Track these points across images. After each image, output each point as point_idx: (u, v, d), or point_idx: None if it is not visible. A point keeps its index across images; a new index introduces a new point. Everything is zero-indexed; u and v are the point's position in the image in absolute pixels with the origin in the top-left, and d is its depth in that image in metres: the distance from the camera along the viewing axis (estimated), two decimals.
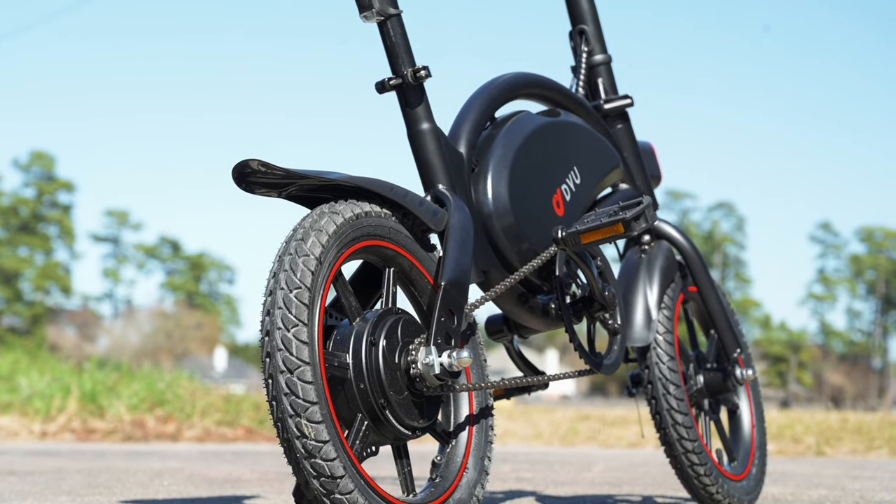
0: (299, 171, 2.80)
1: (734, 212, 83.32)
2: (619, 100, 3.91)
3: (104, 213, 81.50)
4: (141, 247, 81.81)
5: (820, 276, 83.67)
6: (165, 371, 12.46)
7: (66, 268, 75.57)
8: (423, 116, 3.16)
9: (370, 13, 3.11)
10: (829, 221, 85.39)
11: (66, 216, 75.38)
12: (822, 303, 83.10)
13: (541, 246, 3.33)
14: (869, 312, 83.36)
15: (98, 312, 79.12)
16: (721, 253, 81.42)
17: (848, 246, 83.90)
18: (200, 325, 74.05)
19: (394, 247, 2.95)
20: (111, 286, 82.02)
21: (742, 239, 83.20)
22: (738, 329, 4.06)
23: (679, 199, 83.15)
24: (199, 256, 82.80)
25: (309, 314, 2.68)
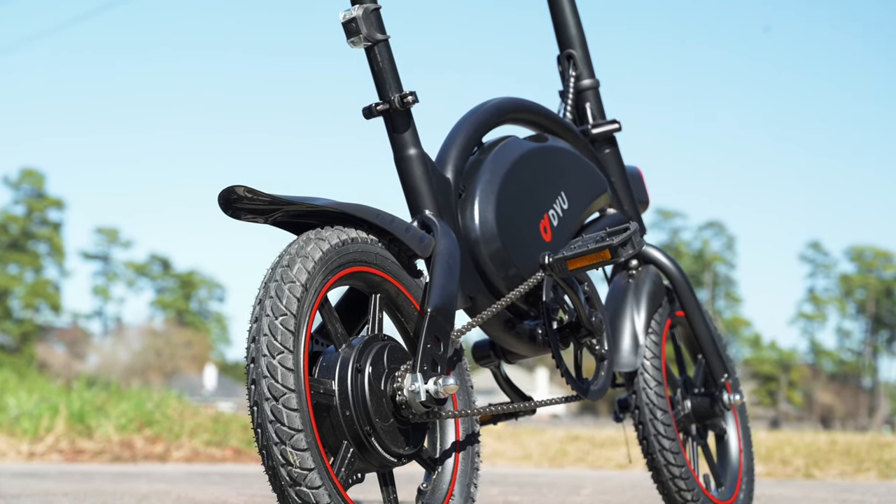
0: (285, 197, 2.80)
1: (724, 231, 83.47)
2: (606, 124, 3.91)
3: (94, 230, 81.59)
4: (131, 264, 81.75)
5: (810, 295, 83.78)
6: (154, 390, 12.43)
7: (56, 285, 75.48)
8: (410, 142, 3.16)
9: (358, 39, 3.11)
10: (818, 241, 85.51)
11: (56, 234, 75.31)
12: (812, 322, 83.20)
13: (528, 271, 3.33)
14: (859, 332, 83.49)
15: (88, 330, 79.07)
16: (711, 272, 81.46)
17: (838, 265, 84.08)
18: (190, 343, 73.97)
19: (380, 273, 2.94)
20: (101, 304, 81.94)
21: (732, 258, 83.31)
22: (725, 354, 4.06)
23: (669, 218, 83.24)
24: (190, 274, 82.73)
25: (294, 341, 2.67)
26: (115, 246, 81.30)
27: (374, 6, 3.12)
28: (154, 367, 68.65)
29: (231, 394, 65.61)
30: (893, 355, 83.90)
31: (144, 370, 67.08)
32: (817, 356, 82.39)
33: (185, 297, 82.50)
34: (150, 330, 74.87)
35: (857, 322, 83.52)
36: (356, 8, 3.10)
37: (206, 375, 71.40)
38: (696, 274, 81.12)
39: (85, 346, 74.46)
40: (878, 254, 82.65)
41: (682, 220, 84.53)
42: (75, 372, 60.63)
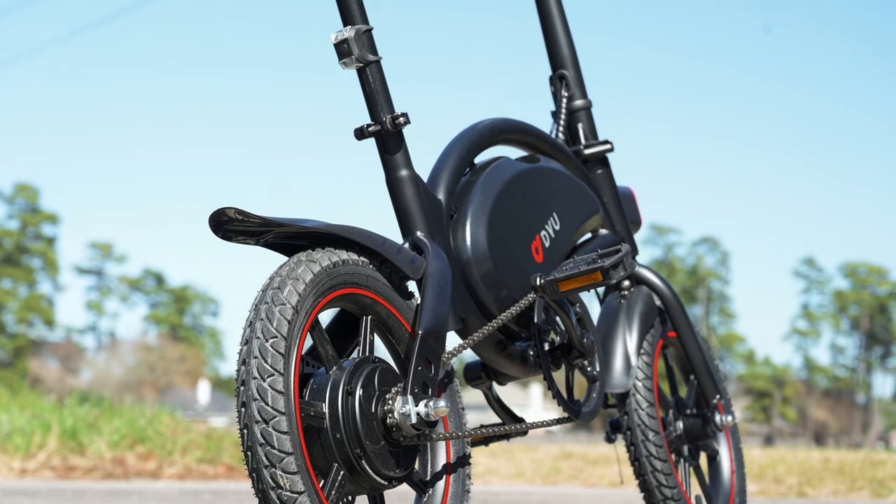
0: (276, 218, 2.80)
1: (718, 246, 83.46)
2: (599, 145, 3.91)
3: (88, 245, 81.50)
4: (125, 279, 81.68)
5: (804, 311, 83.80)
6: (147, 407, 12.40)
7: (50, 300, 75.42)
8: (402, 163, 3.16)
9: (350, 60, 3.11)
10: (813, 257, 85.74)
11: (50, 248, 75.26)
12: (806, 338, 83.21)
13: (519, 293, 3.32)
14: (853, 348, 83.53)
15: (81, 345, 78.97)
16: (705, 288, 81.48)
17: (832, 281, 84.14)
18: (184, 357, 73.88)
19: (371, 295, 2.94)
20: (95, 318, 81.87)
21: (726, 274, 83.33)
22: (717, 375, 4.05)
23: (663, 234, 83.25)
24: (184, 289, 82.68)
25: (285, 363, 2.67)
26: (109, 261, 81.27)
27: (366, 27, 3.12)
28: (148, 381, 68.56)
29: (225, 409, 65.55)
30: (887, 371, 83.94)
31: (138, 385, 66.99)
32: (811, 372, 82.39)
33: (179, 311, 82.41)
34: (144, 345, 74.79)
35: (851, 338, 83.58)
36: (348, 29, 3.10)
37: (199, 390, 71.31)
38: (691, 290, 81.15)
39: (78, 361, 74.33)
40: (872, 270, 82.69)
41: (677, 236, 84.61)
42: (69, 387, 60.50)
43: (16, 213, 74.70)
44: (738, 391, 78.15)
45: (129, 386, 65.70)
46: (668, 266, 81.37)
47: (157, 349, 74.02)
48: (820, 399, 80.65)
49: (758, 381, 78.34)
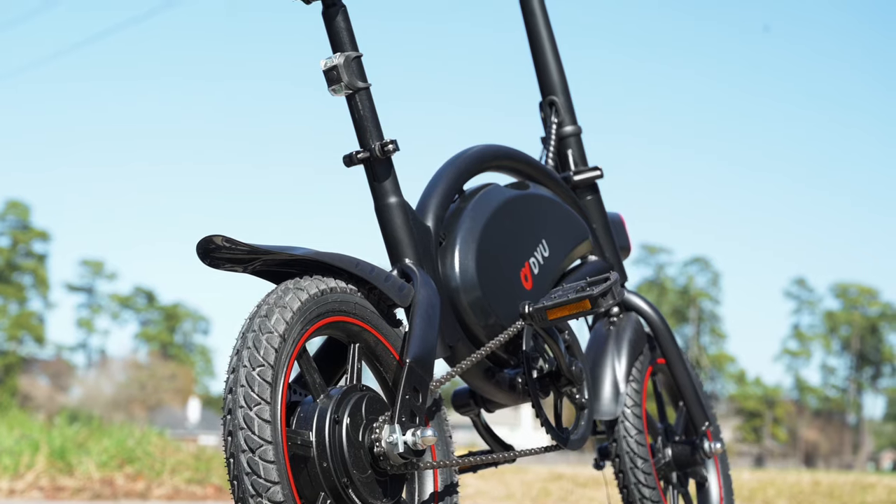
0: (264, 246, 2.79)
1: (709, 267, 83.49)
2: (588, 171, 3.91)
3: (79, 262, 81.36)
4: (115, 297, 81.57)
5: (795, 331, 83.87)
6: (136, 427, 12.38)
7: (40, 317, 75.32)
8: (391, 190, 3.15)
9: (339, 87, 3.11)
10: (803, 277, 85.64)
11: (41, 265, 75.19)
12: (796, 358, 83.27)
13: (508, 320, 3.31)
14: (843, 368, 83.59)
15: (71, 362, 78.80)
16: (696, 308, 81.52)
17: (823, 302, 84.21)
18: (174, 375, 73.74)
19: (359, 322, 2.93)
20: (85, 336, 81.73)
21: (717, 294, 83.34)
22: (706, 401, 4.05)
23: (655, 254, 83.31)
24: (174, 307, 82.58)
25: (272, 392, 2.66)
26: (100, 278, 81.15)
27: (356, 54, 3.12)
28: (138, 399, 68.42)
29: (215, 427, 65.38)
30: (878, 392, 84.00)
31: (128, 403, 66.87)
32: (802, 392, 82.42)
33: (170, 329, 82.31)
34: (134, 362, 74.64)
35: (841, 359, 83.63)
36: (337, 56, 3.10)
37: (189, 408, 71.18)
38: (682, 310, 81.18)
39: (68, 379, 74.20)
40: (863, 290, 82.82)
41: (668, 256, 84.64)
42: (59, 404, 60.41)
43: (7, 230, 74.66)
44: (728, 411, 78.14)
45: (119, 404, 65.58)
46: (659, 286, 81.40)
47: (148, 367, 73.88)
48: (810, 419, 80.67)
49: (748, 401, 78.33)
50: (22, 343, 73.71)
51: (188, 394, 73.91)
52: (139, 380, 70.69)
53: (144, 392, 69.84)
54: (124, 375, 71.66)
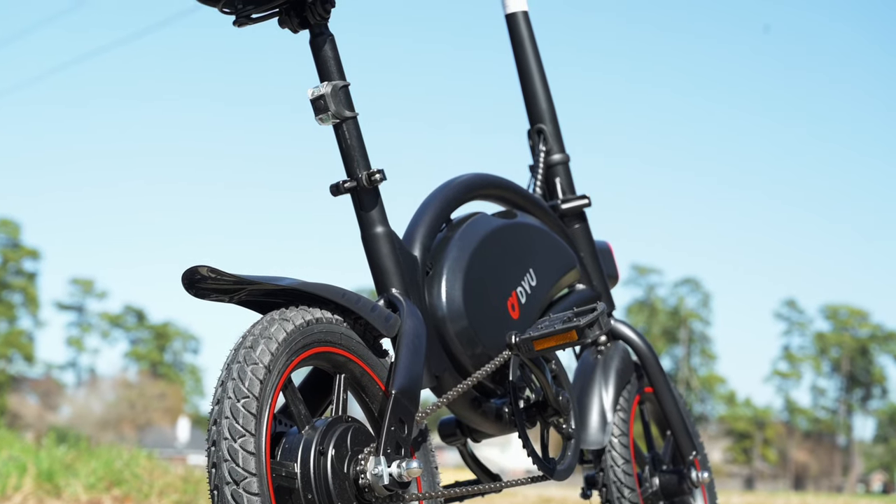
0: (249, 277, 2.78)
1: (700, 288, 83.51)
2: (576, 200, 3.91)
3: (69, 281, 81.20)
4: (105, 315, 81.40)
5: (785, 353, 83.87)
6: (124, 448, 12.35)
7: (30, 335, 75.14)
8: (378, 220, 3.15)
9: (326, 115, 3.10)
10: (794, 299, 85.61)
11: (31, 284, 75.05)
12: (787, 380, 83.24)
13: (495, 350, 3.31)
14: (833, 390, 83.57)
15: (61, 381, 78.60)
16: (687, 329, 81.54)
17: (813, 323, 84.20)
18: (164, 395, 73.61)
19: (345, 353, 2.92)
20: (75, 355, 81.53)
21: (708, 315, 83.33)
22: (694, 430, 4.05)
23: (645, 275, 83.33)
24: (164, 326, 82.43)
25: (256, 424, 2.65)
26: (90, 297, 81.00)
27: (343, 83, 3.12)
28: (127, 418, 68.28)
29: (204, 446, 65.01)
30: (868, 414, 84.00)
31: (117, 422, 66.74)
32: (792, 414, 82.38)
33: (160, 348, 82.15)
34: (124, 381, 74.50)
35: (831, 380, 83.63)
36: (325, 85, 3.10)
37: (179, 428, 71.07)
38: (672, 330, 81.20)
39: (58, 398, 74.02)
40: (853, 312, 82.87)
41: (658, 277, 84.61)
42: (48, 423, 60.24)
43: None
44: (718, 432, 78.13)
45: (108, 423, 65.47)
46: (649, 307, 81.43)
47: (137, 386, 73.73)
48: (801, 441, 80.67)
49: (739, 422, 78.31)
50: (11, 361, 73.52)
51: (178, 413, 73.78)
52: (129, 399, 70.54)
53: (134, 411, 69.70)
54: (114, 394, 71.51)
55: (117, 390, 72.02)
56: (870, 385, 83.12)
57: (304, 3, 3.13)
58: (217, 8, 3.14)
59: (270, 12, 3.16)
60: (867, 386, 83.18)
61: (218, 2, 3.12)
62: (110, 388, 72.74)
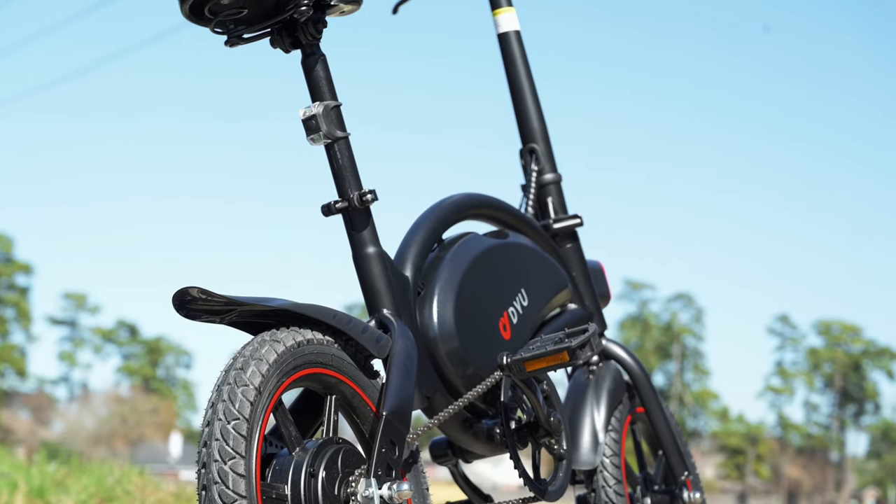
0: (239, 298, 2.78)
1: (693, 303, 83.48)
2: (568, 219, 3.91)
3: (62, 295, 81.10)
4: (98, 330, 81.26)
5: (778, 368, 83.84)
6: (115, 465, 12.31)
7: (22, 350, 75.01)
8: (369, 240, 3.14)
9: (317, 136, 3.10)
10: (787, 314, 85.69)
11: (24, 299, 74.96)
12: (779, 395, 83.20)
13: (486, 370, 3.30)
14: (826, 405, 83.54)
15: (53, 396, 78.46)
16: (680, 344, 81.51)
17: (806, 339, 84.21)
18: (156, 410, 73.50)
19: (336, 374, 2.91)
20: (67, 370, 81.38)
21: (701, 330, 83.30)
22: (686, 450, 4.04)
23: (638, 290, 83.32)
24: (157, 341, 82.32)
25: (247, 446, 2.64)
26: (83, 311, 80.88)
27: (335, 103, 3.12)
28: (119, 434, 68.16)
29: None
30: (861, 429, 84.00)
31: (110, 437, 66.62)
32: (785, 430, 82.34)
33: (152, 363, 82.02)
34: (116, 396, 74.36)
35: (824, 396, 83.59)
36: (316, 105, 3.10)
37: (171, 443, 70.97)
38: (665, 346, 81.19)
39: (50, 412, 73.88)
40: (846, 328, 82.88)
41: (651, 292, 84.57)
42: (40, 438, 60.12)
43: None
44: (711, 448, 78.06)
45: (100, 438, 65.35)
46: (642, 322, 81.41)
47: (130, 401, 73.60)
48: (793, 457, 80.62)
49: (731, 438, 78.26)
50: (3, 376, 73.38)
51: (170, 428, 73.67)
52: (121, 414, 70.41)
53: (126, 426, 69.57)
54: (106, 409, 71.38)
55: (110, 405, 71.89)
56: (863, 401, 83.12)
57: (295, 24, 3.13)
58: (209, 28, 3.14)
59: (262, 32, 3.16)
60: (860, 402, 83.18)
61: (210, 21, 3.12)
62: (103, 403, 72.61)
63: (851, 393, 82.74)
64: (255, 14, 3.12)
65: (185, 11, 3.07)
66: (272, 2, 3.10)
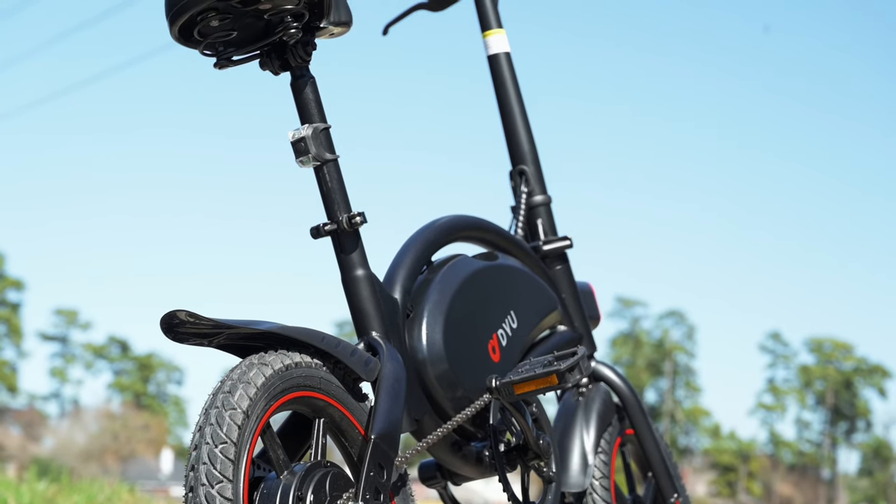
0: (227, 321, 2.77)
1: (685, 320, 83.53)
2: (558, 241, 3.91)
3: (53, 311, 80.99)
4: (89, 346, 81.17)
5: (769, 385, 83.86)
6: (106, 482, 12.30)
7: (13, 366, 74.90)
8: (358, 262, 3.14)
9: (307, 158, 3.10)
10: (778, 331, 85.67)
11: (15, 314, 74.88)
12: (771, 413, 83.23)
13: (475, 393, 3.30)
14: (818, 423, 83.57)
15: (44, 412, 78.31)
16: (671, 361, 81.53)
17: (797, 356, 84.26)
18: (147, 426, 73.37)
19: (324, 397, 2.91)
20: (58, 386, 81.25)
21: (692, 347, 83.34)
22: (675, 472, 4.04)
23: (630, 307, 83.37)
24: (148, 357, 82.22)
25: (234, 469, 2.64)
26: (74, 327, 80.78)
27: (324, 126, 3.12)
28: (111, 450, 68.02)
29: None
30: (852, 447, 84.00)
31: (101, 453, 66.48)
32: (777, 447, 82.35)
33: (143, 379, 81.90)
34: (108, 412, 74.23)
35: (816, 413, 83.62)
36: (306, 128, 3.10)
37: (162, 459, 70.87)
38: (657, 363, 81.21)
39: (41, 429, 73.71)
40: (838, 345, 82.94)
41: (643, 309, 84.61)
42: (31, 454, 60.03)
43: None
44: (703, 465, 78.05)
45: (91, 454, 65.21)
46: (634, 339, 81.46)
47: (121, 417, 73.48)
48: (785, 474, 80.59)
49: (723, 455, 78.25)
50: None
51: (161, 444, 73.55)
52: (112, 430, 70.28)
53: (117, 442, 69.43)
54: (97, 425, 71.24)
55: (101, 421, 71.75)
56: (854, 418, 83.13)
57: (284, 46, 3.13)
58: (198, 50, 3.14)
59: (252, 55, 3.17)
60: (852, 419, 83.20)
61: (199, 44, 3.12)
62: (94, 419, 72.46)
63: (843, 410, 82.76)
64: (244, 37, 3.13)
65: (175, 34, 3.07)
66: (261, 24, 3.11)
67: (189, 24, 3.06)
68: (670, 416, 78.78)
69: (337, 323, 71.86)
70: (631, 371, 79.75)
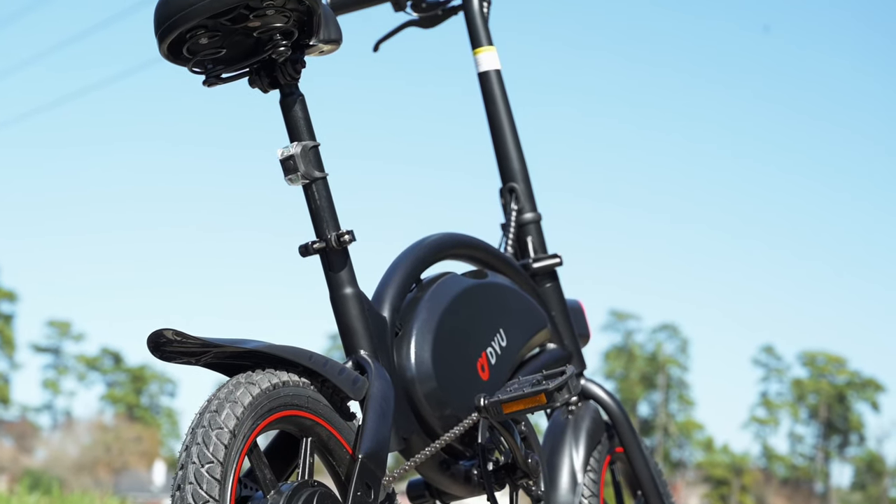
0: (215, 340, 2.77)
1: (678, 333, 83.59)
2: (548, 259, 3.90)
3: (46, 323, 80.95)
4: (82, 358, 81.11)
5: (762, 399, 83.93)
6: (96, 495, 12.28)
7: (6, 378, 74.82)
8: (347, 281, 3.13)
9: (295, 176, 3.10)
10: (772, 345, 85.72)
11: (7, 326, 74.83)
12: (764, 426, 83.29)
13: (464, 412, 3.29)
14: (811, 437, 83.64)
15: (36, 424, 78.19)
16: (664, 374, 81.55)
17: (790, 370, 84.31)
18: (140, 438, 73.29)
19: (312, 416, 2.90)
20: (51, 397, 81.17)
21: (686, 361, 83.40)
22: (665, 490, 4.03)
23: (623, 320, 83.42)
24: (141, 369, 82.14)
25: (220, 489, 2.63)
26: (67, 339, 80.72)
27: (313, 143, 3.12)
28: (103, 462, 67.94)
29: None
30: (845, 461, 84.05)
31: (93, 465, 66.40)
32: (770, 461, 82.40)
33: (136, 391, 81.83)
34: (100, 424, 74.15)
35: (809, 427, 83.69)
36: (294, 145, 3.09)
37: (155, 471, 70.76)
38: (650, 376, 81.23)
39: (33, 440, 73.62)
40: (831, 359, 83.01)
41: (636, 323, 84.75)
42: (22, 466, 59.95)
43: None
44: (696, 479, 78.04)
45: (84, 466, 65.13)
46: (627, 352, 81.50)
47: (114, 429, 73.41)
48: (778, 488, 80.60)
49: (716, 468, 78.24)
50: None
51: (154, 456, 73.46)
52: (105, 442, 70.20)
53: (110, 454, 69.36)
54: (90, 437, 71.17)
55: (93, 433, 71.68)
56: (847, 432, 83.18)
57: (274, 64, 3.13)
58: (187, 67, 3.13)
59: (241, 72, 3.16)
60: (845, 433, 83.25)
61: (188, 61, 3.11)
62: (86, 430, 72.38)
63: (836, 424, 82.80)
64: (233, 54, 3.12)
65: (164, 51, 3.07)
66: (250, 42, 3.11)
67: (178, 42, 3.06)
68: (663, 430, 78.80)
69: (330, 335, 71.82)
70: (624, 384, 79.80)
